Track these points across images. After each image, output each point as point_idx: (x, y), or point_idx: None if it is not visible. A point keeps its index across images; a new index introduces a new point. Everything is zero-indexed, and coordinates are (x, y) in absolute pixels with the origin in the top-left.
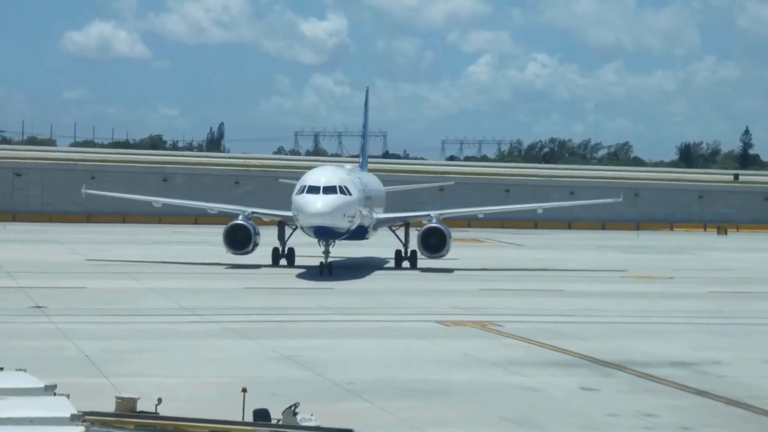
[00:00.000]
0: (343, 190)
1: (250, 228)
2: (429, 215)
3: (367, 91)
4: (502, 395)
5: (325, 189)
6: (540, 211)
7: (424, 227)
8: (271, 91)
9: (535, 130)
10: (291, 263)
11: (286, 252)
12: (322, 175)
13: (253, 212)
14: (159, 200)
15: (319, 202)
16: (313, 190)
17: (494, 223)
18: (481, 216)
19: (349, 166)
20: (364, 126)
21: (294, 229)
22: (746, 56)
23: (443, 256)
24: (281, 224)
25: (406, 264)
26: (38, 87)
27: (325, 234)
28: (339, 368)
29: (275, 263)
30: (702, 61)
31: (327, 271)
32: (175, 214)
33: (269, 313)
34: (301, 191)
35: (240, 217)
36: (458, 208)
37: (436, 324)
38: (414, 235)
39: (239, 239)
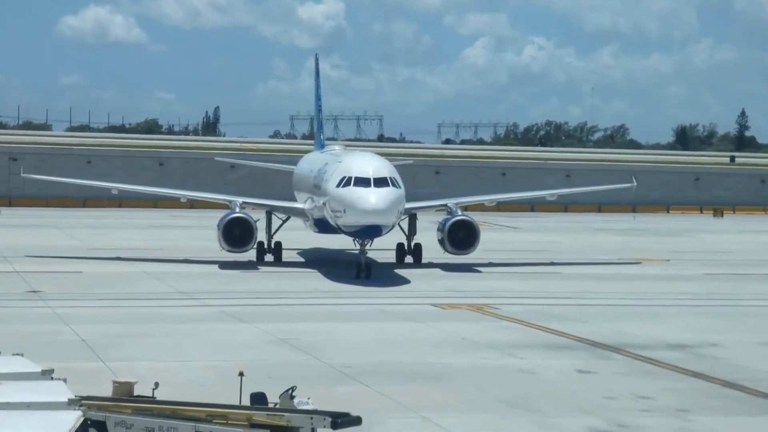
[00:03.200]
0: (394, 182)
1: (252, 222)
2: (446, 204)
3: (316, 59)
4: (499, 378)
5: (376, 181)
6: (553, 197)
7: (452, 219)
8: (268, 75)
9: (532, 114)
10: (278, 259)
11: (272, 246)
12: (368, 164)
13: (244, 202)
14: (116, 186)
15: (372, 197)
16: (362, 182)
17: (490, 206)
18: (490, 204)
19: (338, 147)
20: (318, 98)
21: (285, 220)
22: (743, 39)
23: (471, 253)
24: (269, 214)
25: (409, 259)
26: (34, 72)
27: (372, 233)
28: (336, 352)
29: (260, 259)
30: (699, 43)
31: (365, 274)
32: (171, 198)
33: (265, 296)
34: (345, 183)
35: (237, 209)
36: (473, 196)
37: (432, 307)
38: (422, 225)
39: (238, 235)
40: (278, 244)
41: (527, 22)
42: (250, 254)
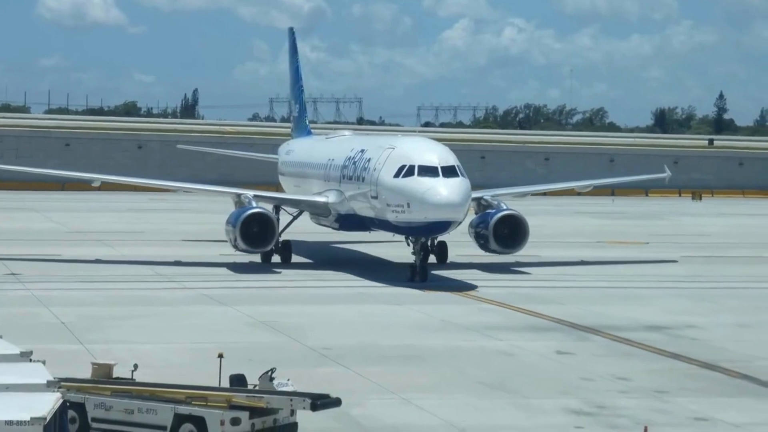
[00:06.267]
0: (462, 172)
1: (273, 218)
2: (482, 197)
3: (291, 33)
4: (479, 360)
5: (444, 170)
6: (589, 188)
7: (499, 214)
8: (246, 57)
9: (511, 96)
10: (286, 260)
11: (280, 245)
12: (431, 151)
13: (255, 195)
14: (98, 177)
15: (443, 189)
16: (428, 171)
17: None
18: (518, 196)
19: (348, 132)
20: (298, 78)
21: (297, 215)
22: (722, 21)
23: (519, 251)
24: (277, 209)
25: (432, 258)
26: (12, 54)
27: (437, 231)
28: (315, 334)
29: (266, 260)
30: (678, 25)
31: (420, 277)
32: (166, 187)
33: (245, 279)
34: (406, 173)
35: (252, 203)
36: (506, 188)
37: (413, 289)
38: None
39: (256, 233)
40: (287, 244)
41: (506, 4)
42: (251, 255)
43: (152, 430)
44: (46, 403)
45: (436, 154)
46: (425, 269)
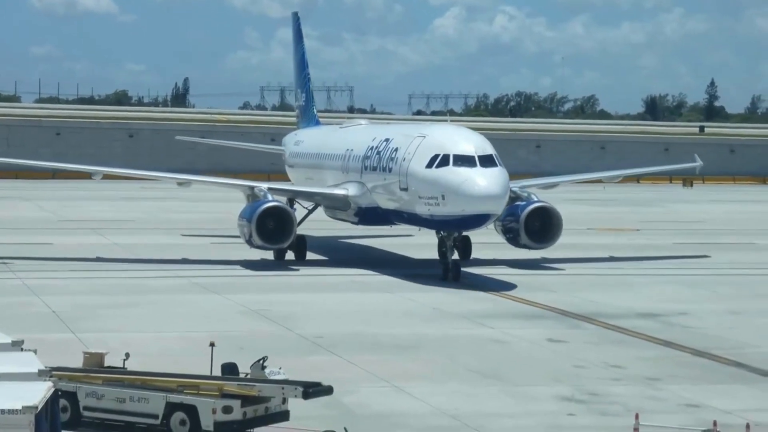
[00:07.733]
0: (500, 162)
1: (291, 212)
2: (510, 189)
3: (296, 18)
4: (470, 348)
5: (482, 160)
6: (617, 180)
7: (530, 206)
8: (237, 46)
9: (503, 84)
10: (301, 257)
11: (293, 241)
12: (467, 139)
13: (270, 187)
14: (99, 170)
15: (481, 179)
16: (464, 161)
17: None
18: (542, 187)
19: (364, 121)
20: (305, 66)
21: (311, 210)
22: (714, 9)
23: (551, 246)
24: (290, 202)
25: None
26: (2, 43)
27: (474, 225)
28: (307, 322)
29: (280, 257)
30: (670, 13)
31: (453, 275)
32: (173, 180)
33: (236, 267)
34: (441, 162)
35: (268, 196)
36: (538, 178)
37: (404, 279)
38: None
39: (271, 228)
40: (301, 239)
41: None
42: (266, 251)
43: (144, 419)
44: (38, 392)
45: (472, 142)
46: (458, 267)
